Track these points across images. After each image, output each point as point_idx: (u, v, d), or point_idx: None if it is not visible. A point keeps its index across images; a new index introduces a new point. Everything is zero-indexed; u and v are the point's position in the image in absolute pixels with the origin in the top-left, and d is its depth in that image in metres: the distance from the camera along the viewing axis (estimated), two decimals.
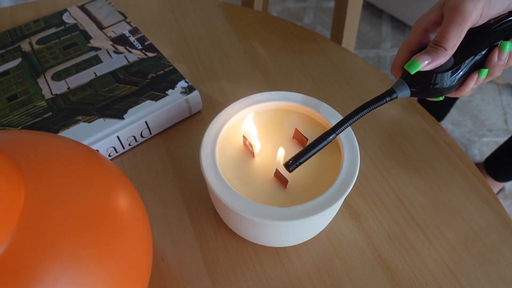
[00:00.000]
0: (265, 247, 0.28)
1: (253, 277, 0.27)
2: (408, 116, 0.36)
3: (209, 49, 0.42)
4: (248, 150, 0.27)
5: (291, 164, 0.23)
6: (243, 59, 0.42)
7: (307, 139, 0.27)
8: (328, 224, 0.29)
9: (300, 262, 0.28)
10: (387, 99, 0.24)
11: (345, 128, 0.23)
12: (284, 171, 0.25)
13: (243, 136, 0.26)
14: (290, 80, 0.40)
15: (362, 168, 0.32)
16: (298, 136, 0.27)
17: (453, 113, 1.00)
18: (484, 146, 0.93)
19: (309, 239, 0.28)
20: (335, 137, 0.23)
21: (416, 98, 0.84)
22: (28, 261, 0.15)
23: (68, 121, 0.31)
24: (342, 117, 0.27)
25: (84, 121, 0.31)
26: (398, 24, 1.24)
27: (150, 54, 0.37)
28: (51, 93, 0.34)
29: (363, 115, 0.24)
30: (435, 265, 0.27)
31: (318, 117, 0.28)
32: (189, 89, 0.34)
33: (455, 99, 0.82)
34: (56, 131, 0.31)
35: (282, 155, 0.26)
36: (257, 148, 0.27)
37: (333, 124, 0.26)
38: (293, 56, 0.42)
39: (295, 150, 0.27)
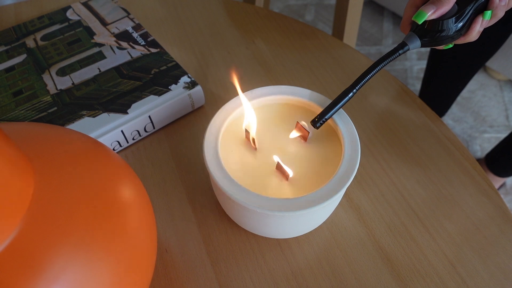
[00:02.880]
0: (267, 238, 0.28)
1: (255, 268, 0.27)
2: (409, 111, 0.37)
3: (211, 45, 0.43)
4: (250, 143, 0.27)
5: (318, 120, 0.25)
6: (245, 55, 0.42)
7: (309, 132, 0.27)
8: (330, 216, 0.30)
9: (302, 253, 0.28)
10: (400, 52, 0.26)
11: (363, 84, 0.26)
12: (285, 164, 0.25)
13: (245, 129, 0.27)
14: (291, 75, 0.40)
15: (363, 162, 0.33)
16: (300, 129, 0.27)
17: (454, 109, 1.00)
18: (486, 142, 0.93)
19: (311, 231, 0.29)
20: (356, 92, 0.26)
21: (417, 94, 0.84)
22: (38, 248, 0.15)
23: (73, 116, 0.32)
24: (343, 112, 0.27)
25: (89, 116, 0.32)
26: (400, 21, 1.24)
27: (153, 50, 0.37)
28: (56, 88, 0.34)
29: (378, 70, 0.26)
30: (435, 256, 0.28)
31: (319, 111, 0.28)
32: (191, 84, 0.35)
33: (456, 94, 0.82)
34: (61, 125, 0.31)
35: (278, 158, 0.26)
36: (259, 141, 0.27)
37: (335, 118, 0.27)
38: (294, 52, 0.42)
39: (297, 143, 0.27)
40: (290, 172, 0.25)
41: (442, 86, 0.79)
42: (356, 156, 0.25)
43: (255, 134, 0.27)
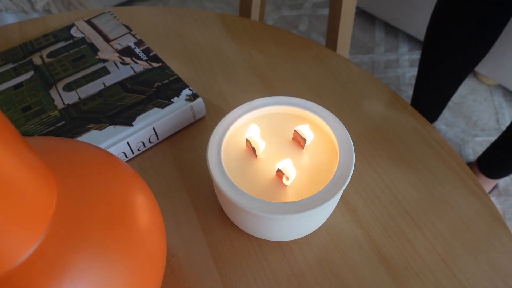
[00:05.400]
0: (269, 241, 0.30)
1: (258, 270, 0.29)
2: (401, 117, 0.39)
3: (210, 58, 0.45)
4: (251, 151, 0.29)
5: None
6: (242, 67, 0.44)
7: (306, 140, 0.29)
8: (328, 219, 0.31)
9: (302, 255, 0.29)
10: None
11: None
12: (285, 170, 0.27)
13: (246, 138, 0.28)
14: (287, 86, 0.42)
15: (358, 166, 0.35)
16: (297, 137, 0.29)
17: (446, 114, 1.02)
18: (478, 146, 0.96)
19: (310, 233, 0.30)
20: None
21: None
22: (62, 251, 0.16)
23: (81, 129, 0.33)
24: (338, 120, 0.29)
25: (96, 129, 0.33)
26: (391, 30, 1.27)
27: (155, 65, 0.39)
28: (63, 103, 0.36)
29: None
30: (428, 254, 0.29)
31: (316, 119, 0.30)
32: (193, 97, 0.36)
33: (447, 99, 0.84)
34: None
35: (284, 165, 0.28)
36: (259, 149, 0.29)
37: (330, 126, 0.28)
38: (290, 62, 0.44)
39: (295, 150, 0.29)
40: (290, 175, 0.27)
41: (433, 92, 0.82)
42: (350, 161, 0.27)
43: (256, 142, 0.28)
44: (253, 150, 0.28)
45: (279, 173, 0.27)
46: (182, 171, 0.34)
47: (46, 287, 0.16)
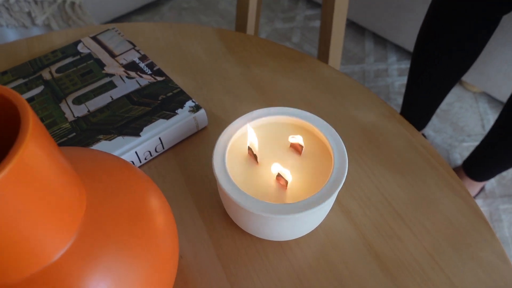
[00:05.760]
0: (270, 241, 0.32)
1: (261, 268, 0.31)
2: (389, 124, 0.42)
3: (210, 72, 0.47)
4: (252, 158, 0.31)
5: None
6: (240, 80, 0.47)
7: (302, 147, 0.31)
8: (324, 220, 0.34)
9: (302, 253, 0.32)
10: None
11: None
12: (284, 175, 0.29)
13: (248, 146, 0.31)
14: (284, 97, 0.45)
15: (351, 171, 0.37)
16: (294, 144, 0.32)
17: (434, 120, 1.06)
18: (465, 151, 0.99)
19: (308, 233, 0.33)
20: None
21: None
22: (92, 247, 0.19)
23: (91, 140, 0.36)
24: (332, 128, 0.32)
25: (105, 139, 0.36)
26: (380, 40, 1.32)
27: (159, 78, 0.42)
28: (73, 116, 0.38)
29: None
30: (416, 250, 0.32)
31: (311, 128, 0.32)
32: (196, 108, 0.39)
33: (435, 108, 0.88)
34: None
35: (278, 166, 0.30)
36: (260, 156, 0.31)
37: (325, 134, 0.31)
38: (285, 75, 0.47)
39: (292, 157, 0.32)
40: (289, 178, 0.29)
41: (422, 100, 0.86)
42: (344, 166, 0.29)
43: (256, 149, 0.31)
44: (254, 156, 0.31)
45: (279, 177, 0.29)
46: (187, 178, 0.37)
47: (79, 278, 0.18)
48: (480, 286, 0.30)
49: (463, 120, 1.06)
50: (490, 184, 0.92)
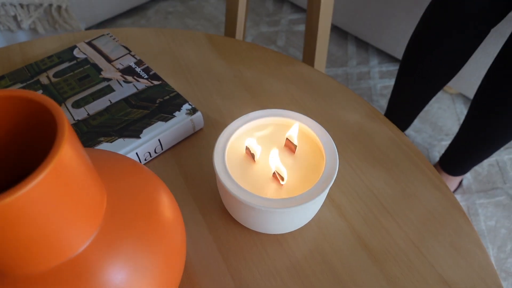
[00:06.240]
0: (267, 235, 0.34)
1: (260, 260, 0.33)
2: (374, 125, 0.44)
3: (203, 75, 0.49)
4: (250, 157, 0.33)
5: None
6: (233, 83, 0.49)
7: (296, 146, 0.33)
8: (316, 214, 0.36)
9: (297, 245, 0.34)
10: None
11: None
12: (280, 171, 0.31)
13: (246, 146, 0.33)
14: (274, 99, 0.47)
15: (340, 168, 0.40)
16: (288, 144, 0.34)
17: (415, 121, 1.11)
18: (443, 149, 1.04)
19: (302, 227, 0.35)
20: None
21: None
22: (114, 239, 0.20)
23: (93, 142, 0.37)
24: (323, 128, 0.34)
25: (106, 142, 0.37)
26: (362, 44, 1.36)
27: (156, 82, 0.43)
28: (73, 119, 0.39)
29: None
30: (402, 240, 0.35)
31: (304, 128, 0.35)
32: (192, 111, 0.40)
33: (419, 112, 0.92)
34: None
35: (275, 158, 0.32)
36: (257, 155, 0.33)
37: (317, 134, 0.33)
38: (274, 78, 0.49)
39: (287, 155, 0.34)
40: (285, 175, 0.31)
41: (407, 105, 0.90)
42: (335, 163, 0.32)
43: (253, 149, 0.33)
44: (252, 155, 0.33)
45: (276, 174, 0.32)
46: (185, 177, 0.38)
47: (102, 267, 0.20)
48: (459, 271, 0.33)
49: (441, 120, 1.11)
50: (467, 180, 0.98)
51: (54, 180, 0.15)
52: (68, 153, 0.16)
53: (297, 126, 0.33)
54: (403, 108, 0.90)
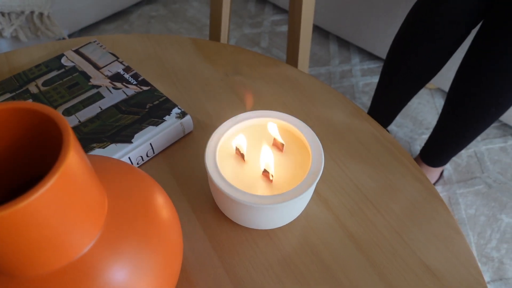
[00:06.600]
0: (259, 231, 0.36)
1: (252, 255, 0.34)
2: (358, 122, 0.47)
3: (190, 79, 0.50)
4: (240, 156, 0.35)
5: None
6: (219, 86, 0.50)
7: (283, 144, 0.35)
8: (305, 209, 0.38)
9: (287, 240, 0.36)
10: None
11: None
12: (270, 170, 0.33)
13: (236, 146, 0.34)
14: (260, 100, 0.48)
15: (326, 165, 0.42)
16: (276, 143, 0.36)
17: (397, 117, 1.14)
18: (424, 142, 1.08)
19: (292, 221, 0.36)
20: None
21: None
22: (115, 240, 0.21)
23: (86, 148, 0.38)
24: (309, 127, 0.36)
25: (99, 147, 0.38)
26: (344, 43, 1.40)
27: (145, 88, 0.44)
28: None
29: None
30: (385, 230, 0.37)
31: (289, 127, 0.37)
32: (182, 114, 0.42)
33: (401, 109, 0.95)
34: None
35: (265, 158, 0.34)
36: (246, 155, 0.35)
37: (303, 132, 0.35)
38: (260, 80, 0.51)
39: (275, 154, 0.36)
40: (273, 172, 0.33)
41: (390, 102, 0.93)
42: (321, 160, 0.34)
43: (243, 149, 0.34)
44: (242, 155, 0.34)
45: (265, 172, 0.33)
46: (177, 179, 0.40)
47: (106, 267, 0.21)
48: (440, 256, 0.35)
49: (421, 114, 1.15)
50: (448, 171, 1.01)
51: (61, 185, 0.17)
52: (73, 160, 0.17)
53: (275, 126, 0.35)
54: (387, 105, 0.94)
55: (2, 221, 0.15)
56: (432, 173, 0.96)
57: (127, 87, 0.44)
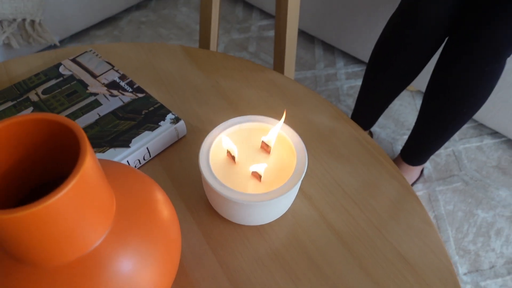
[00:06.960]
0: (249, 227, 0.39)
1: (244, 249, 0.37)
2: (340, 125, 0.50)
3: (182, 86, 0.53)
4: (230, 159, 0.38)
5: None
6: (210, 92, 0.53)
7: (271, 147, 0.38)
8: (291, 206, 0.41)
9: (275, 235, 0.39)
10: None
11: None
12: (259, 170, 0.36)
13: (227, 149, 0.37)
14: (249, 105, 0.52)
15: (310, 165, 0.45)
16: (264, 146, 0.39)
17: (379, 118, 1.19)
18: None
19: (279, 218, 0.40)
20: None
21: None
22: (123, 235, 0.24)
23: None
24: (293, 130, 0.39)
25: (99, 152, 0.40)
26: (328, 47, 1.44)
27: (140, 95, 0.47)
28: None
29: None
30: (365, 224, 0.40)
31: (276, 131, 0.40)
32: (176, 120, 0.45)
33: (383, 110, 1.00)
34: None
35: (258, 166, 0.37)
36: (236, 157, 0.38)
37: (288, 135, 0.38)
38: (248, 86, 0.54)
39: (263, 156, 0.39)
40: (262, 173, 0.36)
41: (373, 105, 0.97)
42: (304, 160, 0.37)
43: (234, 152, 0.37)
44: (232, 157, 0.38)
45: (255, 173, 0.36)
46: (173, 180, 0.42)
47: (115, 259, 0.24)
48: (415, 248, 0.39)
49: (403, 116, 1.20)
50: (428, 170, 1.06)
51: (79, 187, 0.19)
52: (89, 165, 0.20)
53: (276, 132, 0.38)
54: (370, 107, 0.98)
55: (33, 216, 0.18)
56: (413, 172, 1.01)
57: (123, 94, 0.47)
